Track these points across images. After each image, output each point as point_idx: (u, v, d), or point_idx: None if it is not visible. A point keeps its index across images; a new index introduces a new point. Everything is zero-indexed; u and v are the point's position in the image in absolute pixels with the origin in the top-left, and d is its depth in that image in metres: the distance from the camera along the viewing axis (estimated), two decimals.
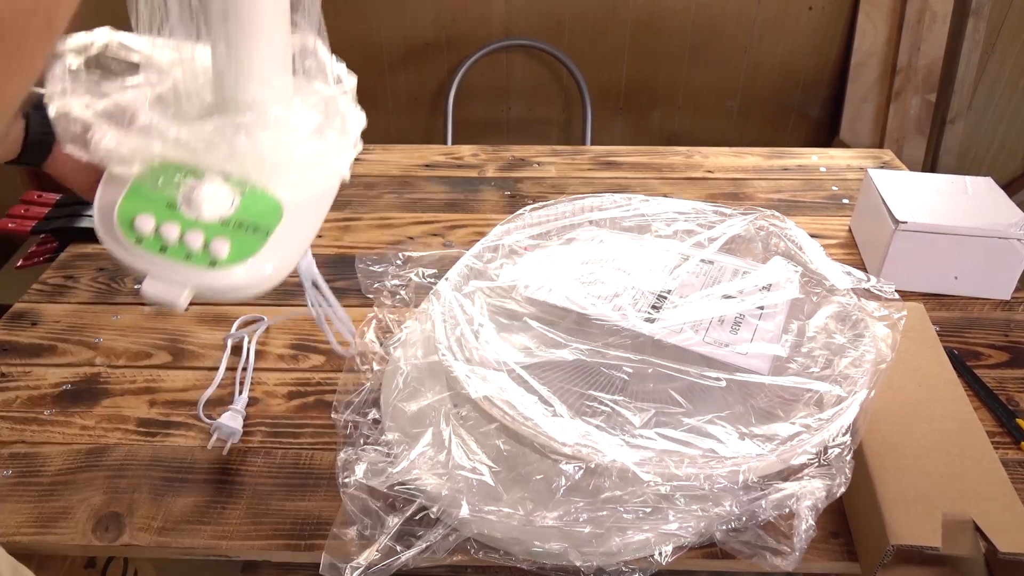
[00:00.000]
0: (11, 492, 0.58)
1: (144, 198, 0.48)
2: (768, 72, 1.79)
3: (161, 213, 0.48)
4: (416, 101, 1.85)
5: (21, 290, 0.81)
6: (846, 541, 0.54)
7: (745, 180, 1.03)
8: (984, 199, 0.81)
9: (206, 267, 0.47)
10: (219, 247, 0.47)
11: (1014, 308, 0.78)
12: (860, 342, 0.57)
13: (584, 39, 1.76)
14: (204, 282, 0.47)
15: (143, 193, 0.49)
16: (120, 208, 0.48)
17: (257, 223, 0.50)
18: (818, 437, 0.49)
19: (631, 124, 1.89)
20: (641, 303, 0.59)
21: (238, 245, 0.48)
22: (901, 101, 1.71)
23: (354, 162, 0.51)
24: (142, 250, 0.47)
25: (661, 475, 0.46)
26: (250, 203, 0.50)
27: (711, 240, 0.66)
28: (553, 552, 0.49)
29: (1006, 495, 0.51)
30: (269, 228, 0.50)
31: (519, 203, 0.97)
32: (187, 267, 0.47)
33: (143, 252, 0.47)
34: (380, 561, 0.49)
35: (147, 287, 0.46)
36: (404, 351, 0.64)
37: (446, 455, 0.51)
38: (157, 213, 0.48)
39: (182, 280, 0.47)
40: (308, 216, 0.53)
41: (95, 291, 0.81)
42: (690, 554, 0.52)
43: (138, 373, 0.70)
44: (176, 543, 0.54)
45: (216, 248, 0.47)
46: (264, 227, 0.50)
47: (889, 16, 1.67)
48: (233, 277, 0.48)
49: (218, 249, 0.47)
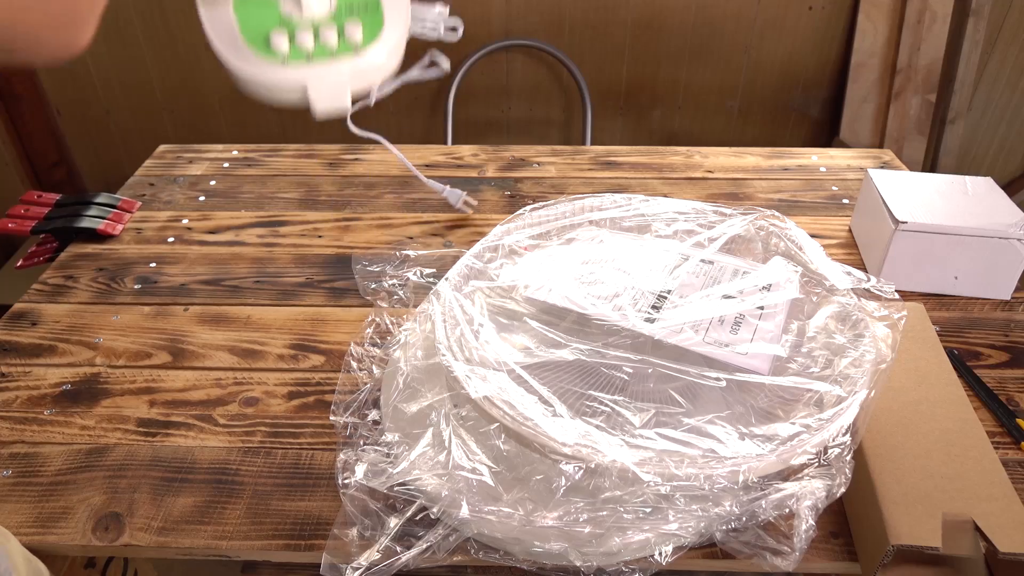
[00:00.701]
0: (11, 492, 0.58)
1: (256, 18, 0.47)
2: (768, 72, 1.79)
3: (284, 24, 0.47)
4: (416, 101, 1.85)
5: (21, 290, 0.81)
6: (846, 541, 0.54)
7: (745, 180, 1.03)
8: (984, 199, 0.81)
9: (353, 54, 0.47)
10: (352, 31, 0.47)
11: (1014, 308, 0.78)
12: (860, 342, 0.57)
13: (584, 39, 1.76)
14: (361, 67, 0.47)
15: (253, 14, 0.47)
16: (244, 34, 0.47)
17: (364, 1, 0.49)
18: (818, 437, 0.49)
19: (631, 124, 1.89)
20: (641, 303, 0.59)
21: (366, 23, 0.48)
22: (901, 101, 1.72)
23: (354, 161, 0.51)
24: (293, 66, 0.46)
25: (661, 475, 0.46)
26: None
27: (711, 240, 0.66)
28: (553, 552, 0.49)
29: (1006, 495, 0.51)
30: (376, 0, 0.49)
31: (519, 203, 0.97)
32: (339, 62, 0.47)
33: (295, 67, 0.46)
34: (380, 562, 0.50)
35: (317, 103, 0.45)
36: (404, 352, 0.64)
37: (446, 455, 0.51)
38: (283, 24, 0.47)
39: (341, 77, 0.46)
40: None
41: (95, 291, 0.81)
42: (690, 554, 0.52)
43: (138, 373, 0.70)
44: (176, 543, 0.54)
45: (351, 33, 0.47)
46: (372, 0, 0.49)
47: (889, 16, 1.67)
48: (379, 54, 0.48)
49: (353, 33, 0.47)
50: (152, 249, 0.88)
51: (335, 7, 0.48)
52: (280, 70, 0.46)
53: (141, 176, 1.04)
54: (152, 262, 0.85)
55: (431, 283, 0.78)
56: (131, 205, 0.95)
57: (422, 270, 0.80)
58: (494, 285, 0.62)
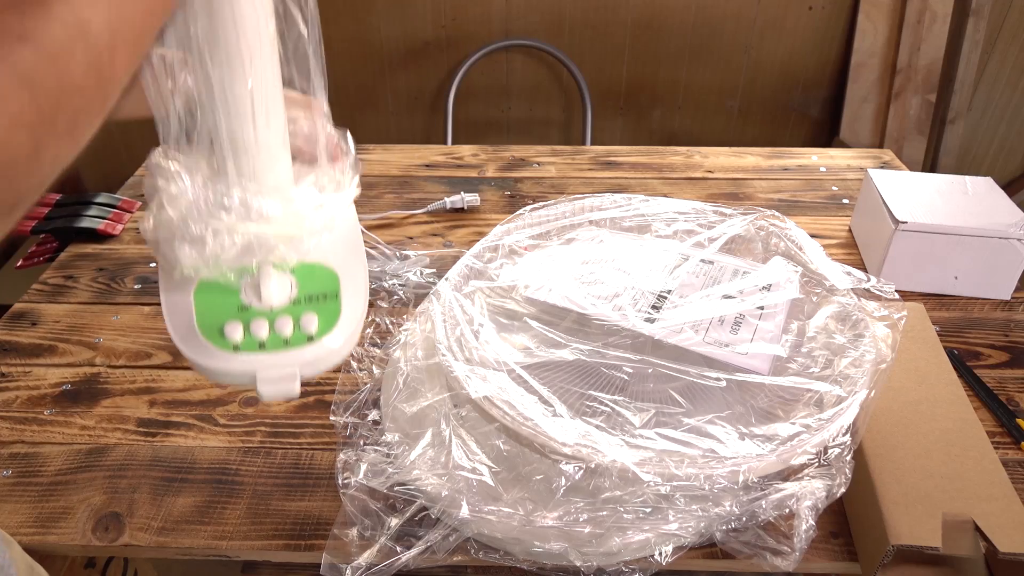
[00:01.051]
0: (11, 492, 0.58)
1: (213, 307, 0.50)
2: (768, 72, 1.79)
3: (240, 315, 0.49)
4: (416, 101, 1.85)
5: (21, 290, 0.81)
6: (846, 541, 0.54)
7: (745, 180, 1.03)
8: (984, 199, 0.81)
9: (305, 344, 0.48)
10: (308, 322, 0.49)
11: (1014, 308, 0.78)
12: (860, 342, 0.57)
13: (584, 39, 1.76)
14: (309, 358, 0.48)
15: (211, 303, 0.50)
16: (200, 324, 0.49)
17: (324, 290, 0.52)
18: (818, 437, 0.49)
19: (631, 124, 1.89)
20: (641, 303, 0.59)
21: (322, 314, 0.50)
22: (901, 101, 1.71)
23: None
24: (244, 355, 0.48)
25: (661, 475, 0.46)
26: (304, 275, 0.52)
27: (711, 240, 0.66)
28: (553, 552, 0.49)
29: (1006, 495, 0.51)
30: (335, 289, 0.52)
31: (519, 203, 0.97)
32: (291, 352, 0.48)
33: (246, 356, 0.48)
34: (380, 561, 0.50)
35: (263, 389, 0.47)
36: (404, 352, 0.64)
37: (446, 455, 0.51)
38: (238, 316, 0.49)
39: (290, 366, 0.48)
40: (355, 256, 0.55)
41: (95, 291, 0.81)
42: (690, 554, 0.52)
43: (138, 373, 0.70)
44: (176, 543, 0.54)
45: (306, 324, 0.49)
46: (331, 289, 0.52)
47: (889, 16, 1.67)
48: (334, 341, 0.49)
49: (308, 324, 0.49)
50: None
51: (295, 296, 0.51)
52: (231, 358, 0.48)
53: (141, 176, 1.04)
54: (152, 262, 0.85)
55: (431, 283, 0.78)
56: (131, 205, 0.95)
57: (422, 270, 0.80)
58: (494, 285, 0.62)
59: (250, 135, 0.46)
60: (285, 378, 0.48)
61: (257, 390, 0.47)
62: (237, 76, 0.43)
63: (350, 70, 1.79)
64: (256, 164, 0.47)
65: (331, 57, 0.51)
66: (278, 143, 0.48)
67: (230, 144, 0.46)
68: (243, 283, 0.50)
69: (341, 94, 1.83)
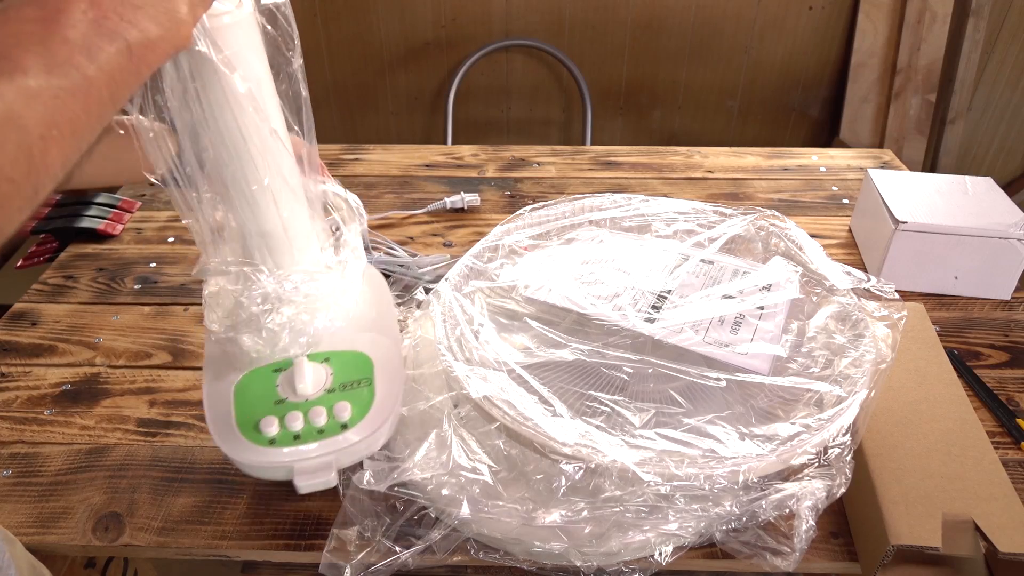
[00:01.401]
0: (11, 492, 0.58)
1: (251, 401, 0.51)
2: (768, 72, 1.79)
3: (275, 409, 0.50)
4: (416, 101, 1.85)
5: (21, 290, 0.81)
6: (846, 541, 0.54)
7: (745, 180, 1.03)
8: (984, 199, 0.81)
9: (339, 433, 0.49)
10: (341, 411, 0.50)
11: (1014, 308, 0.78)
12: (860, 342, 0.57)
13: (584, 39, 1.76)
14: (343, 446, 0.49)
15: (249, 398, 0.51)
16: (238, 420, 0.50)
17: (358, 377, 0.53)
18: (818, 437, 0.49)
19: (631, 124, 1.89)
20: (641, 303, 0.59)
21: (356, 401, 0.51)
22: (901, 101, 1.71)
23: (355, 161, 0.53)
24: (280, 448, 0.49)
25: (661, 475, 0.46)
26: (339, 363, 0.53)
27: (711, 240, 0.66)
28: (553, 552, 0.49)
29: (1006, 495, 0.51)
30: (370, 375, 0.53)
31: (519, 203, 0.97)
32: (325, 442, 0.49)
33: (282, 449, 0.49)
34: (380, 561, 0.50)
35: (300, 483, 0.48)
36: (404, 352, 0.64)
37: (447, 456, 0.51)
38: (273, 411, 0.50)
39: (325, 456, 0.49)
40: (390, 337, 0.56)
41: (95, 291, 0.81)
42: (690, 554, 0.52)
43: (138, 373, 0.70)
44: (176, 543, 0.54)
45: (339, 413, 0.50)
46: (366, 376, 0.53)
47: (889, 16, 1.67)
48: (367, 428, 0.50)
49: (341, 413, 0.50)
50: (152, 249, 0.88)
51: (329, 385, 0.52)
52: (267, 452, 0.49)
53: None
54: (152, 262, 0.85)
55: (431, 284, 0.78)
56: (131, 205, 0.95)
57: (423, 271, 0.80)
58: (494, 285, 0.62)
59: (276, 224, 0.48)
60: (321, 469, 0.49)
61: (295, 484, 0.48)
62: (251, 175, 0.45)
63: (350, 70, 1.79)
64: (285, 247, 0.49)
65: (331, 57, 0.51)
66: (303, 220, 0.50)
67: (260, 238, 0.48)
68: (279, 377, 0.52)
69: (341, 94, 1.83)
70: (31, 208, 0.29)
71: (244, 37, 0.41)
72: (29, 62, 0.27)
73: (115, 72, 0.30)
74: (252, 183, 0.45)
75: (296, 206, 0.49)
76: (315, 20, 1.71)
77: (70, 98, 0.28)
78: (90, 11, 0.29)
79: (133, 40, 0.30)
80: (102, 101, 0.30)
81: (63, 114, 0.28)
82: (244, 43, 0.41)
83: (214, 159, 0.44)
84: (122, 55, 0.30)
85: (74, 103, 0.29)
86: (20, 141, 0.27)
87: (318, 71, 1.77)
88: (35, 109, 0.27)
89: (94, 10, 0.29)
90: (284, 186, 0.47)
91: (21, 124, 0.27)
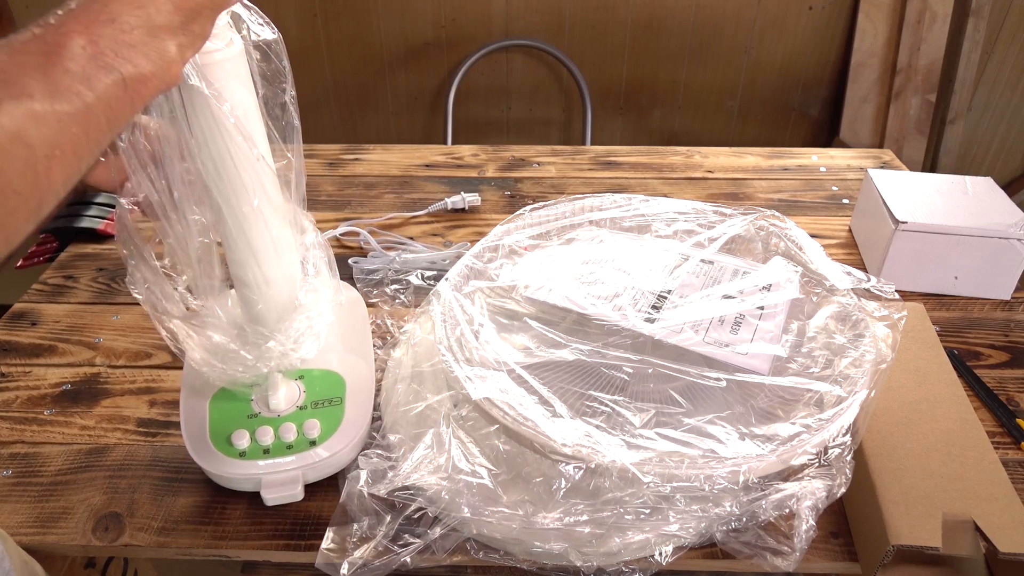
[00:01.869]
0: (11, 492, 0.58)
1: (226, 416, 0.54)
2: (768, 72, 1.79)
3: (248, 423, 0.53)
4: (416, 101, 1.85)
5: (21, 290, 0.81)
6: (846, 541, 0.54)
7: (745, 180, 1.03)
8: (984, 199, 0.81)
9: (307, 449, 0.52)
10: (311, 428, 0.53)
11: (1014, 308, 0.78)
12: (860, 342, 0.57)
13: (584, 39, 1.76)
14: (311, 461, 0.52)
15: (223, 412, 0.54)
16: (211, 432, 0.53)
17: (329, 395, 0.56)
18: (818, 437, 0.49)
19: (631, 124, 1.89)
20: (641, 303, 0.59)
21: (325, 419, 0.54)
22: (901, 101, 1.71)
23: (355, 161, 0.55)
24: (248, 461, 0.52)
25: (661, 476, 0.46)
26: (312, 382, 0.56)
27: (711, 240, 0.66)
28: (553, 552, 0.49)
29: (1006, 495, 0.51)
30: (341, 394, 0.56)
31: (519, 203, 0.97)
32: (293, 457, 0.52)
33: (250, 462, 0.52)
34: (379, 560, 0.49)
35: (267, 494, 0.51)
36: (404, 352, 0.64)
37: (446, 458, 0.51)
38: (245, 424, 0.53)
39: (292, 470, 0.52)
40: (363, 358, 0.59)
41: (95, 291, 0.81)
42: (690, 554, 0.52)
43: (138, 373, 0.69)
44: (176, 543, 0.54)
45: (309, 430, 0.53)
46: (337, 394, 0.56)
47: (889, 16, 1.67)
48: (335, 446, 0.53)
49: (311, 430, 0.53)
50: None
51: (302, 402, 0.55)
52: (236, 464, 0.52)
53: None
54: None
55: (431, 284, 0.78)
56: None
57: (422, 271, 0.80)
58: (494, 285, 0.62)
59: (266, 241, 0.50)
60: (288, 483, 0.52)
61: (262, 496, 0.51)
62: (243, 199, 0.48)
63: (350, 70, 1.79)
64: (275, 261, 0.51)
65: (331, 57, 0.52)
66: (289, 239, 0.52)
67: (251, 254, 0.50)
68: (254, 392, 0.54)
69: (341, 94, 1.83)
70: (35, 222, 0.31)
71: (234, 72, 0.44)
72: (35, 88, 0.30)
73: (112, 101, 0.33)
74: (243, 204, 0.48)
75: (283, 227, 0.51)
76: (315, 20, 1.71)
77: (71, 122, 0.31)
78: (88, 47, 0.32)
79: (127, 74, 0.33)
80: (100, 127, 0.33)
81: (65, 136, 0.31)
82: (233, 77, 0.44)
83: (204, 181, 0.46)
84: (118, 86, 0.33)
85: (75, 127, 0.31)
86: (27, 158, 0.29)
87: (318, 71, 1.77)
88: (40, 130, 0.30)
89: (92, 46, 0.32)
90: (270, 207, 0.49)
91: (28, 143, 0.29)
